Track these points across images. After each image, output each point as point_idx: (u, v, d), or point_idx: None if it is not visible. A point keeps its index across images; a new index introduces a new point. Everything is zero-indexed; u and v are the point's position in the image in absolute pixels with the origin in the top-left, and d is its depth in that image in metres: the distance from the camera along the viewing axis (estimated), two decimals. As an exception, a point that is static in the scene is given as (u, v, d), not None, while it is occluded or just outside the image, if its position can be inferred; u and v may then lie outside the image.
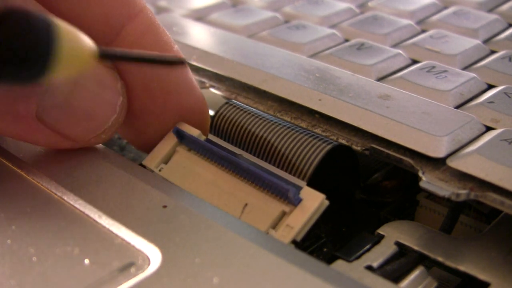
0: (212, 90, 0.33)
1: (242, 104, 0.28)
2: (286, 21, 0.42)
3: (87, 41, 0.20)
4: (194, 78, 0.28)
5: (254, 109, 0.28)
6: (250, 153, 0.27)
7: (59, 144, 0.25)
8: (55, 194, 0.24)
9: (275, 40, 0.38)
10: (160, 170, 0.26)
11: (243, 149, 0.27)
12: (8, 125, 0.24)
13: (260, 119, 0.27)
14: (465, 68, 0.34)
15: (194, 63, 0.35)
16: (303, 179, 0.24)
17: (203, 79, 0.34)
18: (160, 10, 0.45)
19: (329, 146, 0.25)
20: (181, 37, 0.38)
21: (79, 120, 0.25)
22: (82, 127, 0.25)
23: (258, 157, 0.26)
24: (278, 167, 0.25)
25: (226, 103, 0.28)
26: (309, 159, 0.24)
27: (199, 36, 0.39)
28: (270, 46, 0.36)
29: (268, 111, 0.30)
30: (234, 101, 0.29)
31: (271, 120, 0.27)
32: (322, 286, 0.19)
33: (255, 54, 0.35)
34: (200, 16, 0.43)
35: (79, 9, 0.25)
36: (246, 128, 0.27)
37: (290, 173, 0.25)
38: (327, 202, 0.23)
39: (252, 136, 0.26)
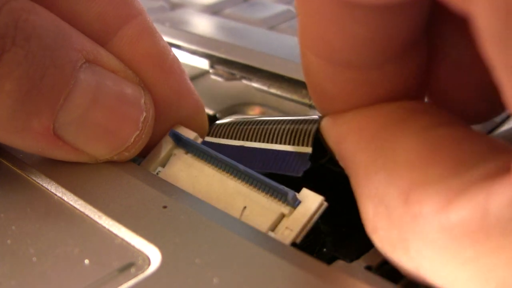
0: (244, 81, 0.33)
1: (230, 120, 0.28)
2: (299, 14, 0.42)
3: None
4: (191, 83, 0.28)
5: (244, 119, 0.28)
6: (250, 140, 0.26)
7: (81, 159, 0.25)
8: (55, 194, 0.24)
9: (296, 32, 0.38)
10: (157, 174, 0.26)
11: (242, 139, 0.27)
12: (27, 142, 0.23)
13: (254, 122, 0.27)
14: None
15: (223, 56, 0.35)
16: (306, 145, 0.24)
17: (234, 71, 0.34)
18: (174, 6, 0.45)
19: None
20: (203, 31, 0.38)
21: (98, 137, 0.24)
22: (101, 144, 0.25)
23: (258, 141, 0.26)
24: (280, 143, 0.25)
25: (213, 125, 0.28)
26: (310, 124, 0.24)
27: (221, 30, 0.39)
28: (294, 38, 0.36)
29: (304, 99, 0.30)
30: (219, 122, 0.28)
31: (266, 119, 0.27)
32: (322, 286, 0.19)
33: (282, 45, 0.35)
34: (214, 10, 0.43)
35: (77, 7, 0.25)
36: (242, 126, 0.27)
37: (293, 145, 0.25)
38: (326, 204, 0.22)
39: (251, 127, 0.26)
